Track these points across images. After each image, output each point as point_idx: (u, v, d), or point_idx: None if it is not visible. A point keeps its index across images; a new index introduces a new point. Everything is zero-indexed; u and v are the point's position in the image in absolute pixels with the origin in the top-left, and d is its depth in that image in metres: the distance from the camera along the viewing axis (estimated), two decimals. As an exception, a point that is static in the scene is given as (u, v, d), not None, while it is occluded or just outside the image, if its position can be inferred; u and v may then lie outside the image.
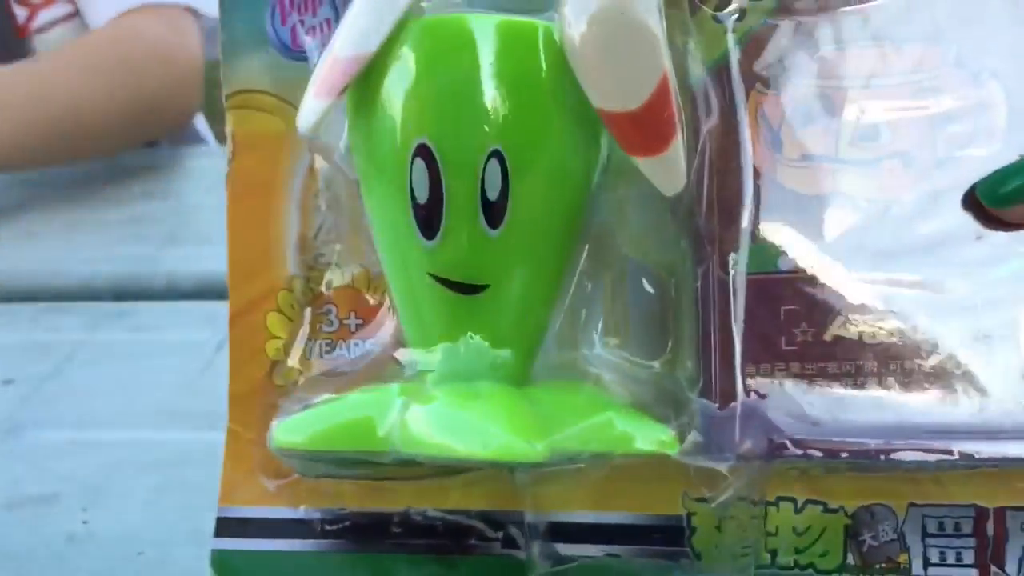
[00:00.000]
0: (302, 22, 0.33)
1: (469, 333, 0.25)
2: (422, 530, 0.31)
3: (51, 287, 0.62)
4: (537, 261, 0.26)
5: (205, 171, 0.84)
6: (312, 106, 0.26)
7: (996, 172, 0.26)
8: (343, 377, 0.31)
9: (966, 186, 0.26)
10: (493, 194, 0.25)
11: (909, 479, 0.27)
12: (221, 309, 0.51)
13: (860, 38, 0.27)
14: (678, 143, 0.24)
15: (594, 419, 0.25)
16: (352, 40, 0.26)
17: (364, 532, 0.31)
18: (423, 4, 0.25)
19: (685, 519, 0.28)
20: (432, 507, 0.31)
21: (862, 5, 0.27)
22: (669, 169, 0.24)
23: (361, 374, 0.31)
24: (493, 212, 0.25)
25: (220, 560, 0.32)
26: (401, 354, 0.27)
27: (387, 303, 0.32)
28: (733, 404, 0.27)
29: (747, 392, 0.27)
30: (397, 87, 0.25)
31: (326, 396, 0.28)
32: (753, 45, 0.27)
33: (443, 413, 0.24)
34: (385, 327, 0.32)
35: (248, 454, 0.33)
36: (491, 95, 0.25)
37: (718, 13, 0.27)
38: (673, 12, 0.27)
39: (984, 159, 0.26)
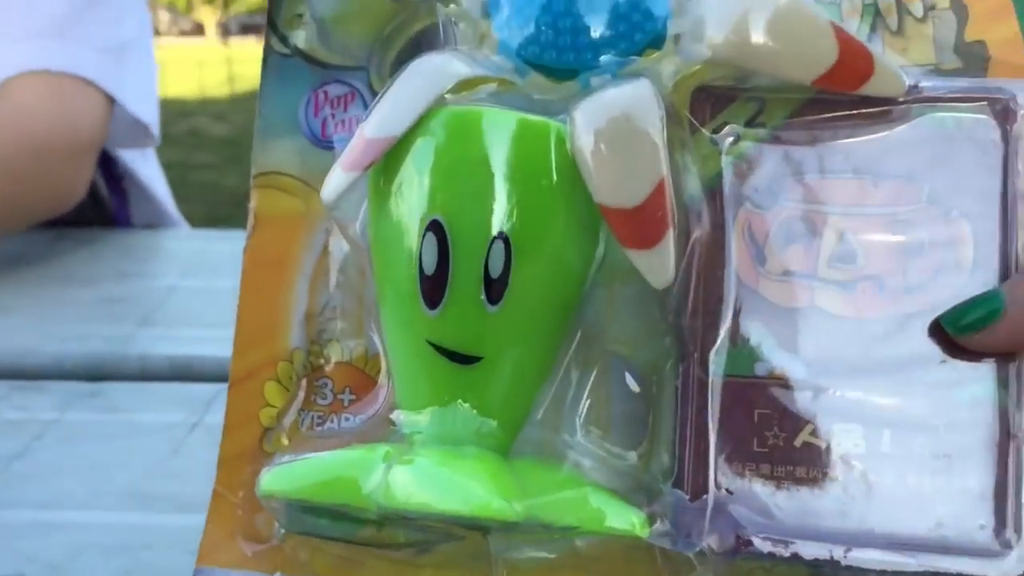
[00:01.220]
0: (333, 115, 0.36)
1: (459, 400, 0.27)
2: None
3: (23, 366, 0.61)
4: (530, 340, 0.28)
5: (180, 253, 0.85)
6: (339, 178, 0.28)
7: (959, 304, 0.28)
8: (333, 438, 0.32)
9: (933, 312, 0.28)
10: (495, 272, 0.27)
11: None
12: (195, 391, 0.53)
13: (843, 170, 0.30)
14: (669, 241, 0.26)
15: (571, 492, 0.26)
16: (381, 123, 0.28)
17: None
18: (446, 96, 0.28)
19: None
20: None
21: (847, 140, 0.30)
22: (659, 263, 0.27)
23: (351, 436, 0.32)
24: (493, 289, 0.27)
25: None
26: (395, 415, 0.29)
27: (380, 381, 0.34)
28: (704, 497, 0.28)
29: (718, 487, 0.28)
30: (418, 168, 0.28)
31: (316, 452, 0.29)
32: (745, 167, 0.30)
33: (427, 470, 0.26)
34: (377, 404, 0.34)
35: (231, 517, 0.34)
36: (502, 183, 0.27)
37: (715, 135, 0.30)
38: (675, 130, 0.30)
39: (951, 289, 0.29)
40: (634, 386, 0.30)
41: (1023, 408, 0.28)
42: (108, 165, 0.96)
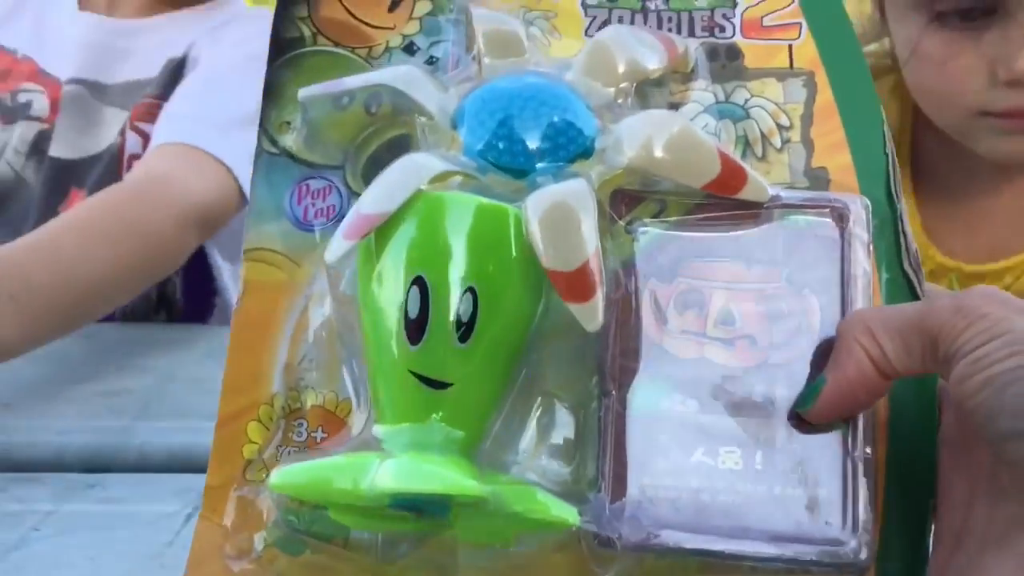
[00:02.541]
0: (313, 204, 0.43)
1: (434, 416, 0.34)
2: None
3: (22, 459, 0.62)
4: (490, 370, 0.35)
5: (179, 345, 0.85)
6: (340, 243, 0.36)
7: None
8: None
9: (793, 363, 0.37)
10: (465, 317, 0.35)
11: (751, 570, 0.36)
12: (192, 481, 0.54)
13: (724, 256, 0.39)
14: (599, 297, 0.35)
15: (521, 488, 0.34)
16: (375, 201, 0.36)
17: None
18: (425, 186, 0.36)
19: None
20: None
21: (727, 233, 0.39)
22: (591, 313, 0.35)
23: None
24: (463, 330, 0.35)
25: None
26: (374, 431, 0.36)
27: (350, 421, 0.40)
28: (621, 501, 0.36)
29: (631, 502, 0.36)
30: (407, 236, 0.35)
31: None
32: (653, 250, 0.39)
33: (409, 464, 0.33)
34: (345, 441, 0.40)
35: (216, 537, 0.40)
36: (471, 250, 0.35)
37: (628, 226, 0.39)
38: (599, 221, 0.39)
39: (804, 346, 0.38)
40: (567, 416, 0.38)
41: (858, 434, 0.37)
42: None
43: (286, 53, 0.45)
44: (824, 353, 0.37)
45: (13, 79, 1.09)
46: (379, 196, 0.36)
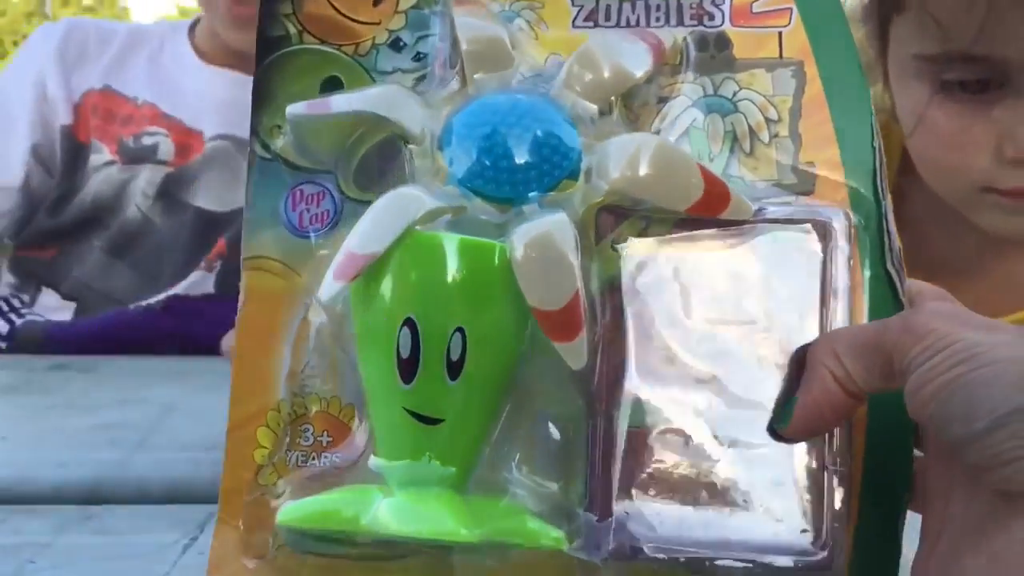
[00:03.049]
0: (307, 211, 0.44)
1: (427, 452, 0.36)
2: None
3: (19, 492, 0.61)
4: (480, 405, 0.37)
5: (178, 377, 0.86)
6: (332, 285, 0.37)
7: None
8: (322, 479, 0.41)
9: (773, 376, 0.39)
10: (455, 356, 0.36)
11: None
12: (190, 513, 0.54)
13: (711, 272, 0.40)
14: (583, 336, 0.36)
15: (512, 520, 0.36)
16: (365, 241, 0.37)
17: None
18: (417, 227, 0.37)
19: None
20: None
21: (710, 250, 0.40)
22: (576, 351, 0.36)
23: (335, 476, 0.41)
24: (453, 368, 0.36)
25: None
26: (372, 463, 0.38)
27: (353, 427, 0.43)
28: (609, 519, 0.38)
29: (618, 513, 0.38)
30: (397, 278, 0.37)
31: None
32: (638, 268, 0.40)
33: (407, 507, 0.35)
34: (350, 445, 0.43)
35: (234, 538, 0.43)
36: (460, 291, 0.36)
37: (615, 244, 0.40)
38: (584, 240, 0.39)
39: (785, 359, 0.39)
40: (556, 435, 0.39)
41: (834, 448, 0.39)
42: None
43: (273, 53, 0.45)
44: (804, 369, 0.38)
45: (136, 124, 1.13)
46: (368, 236, 0.37)
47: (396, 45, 0.45)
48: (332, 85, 0.45)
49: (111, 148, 1.13)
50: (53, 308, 1.11)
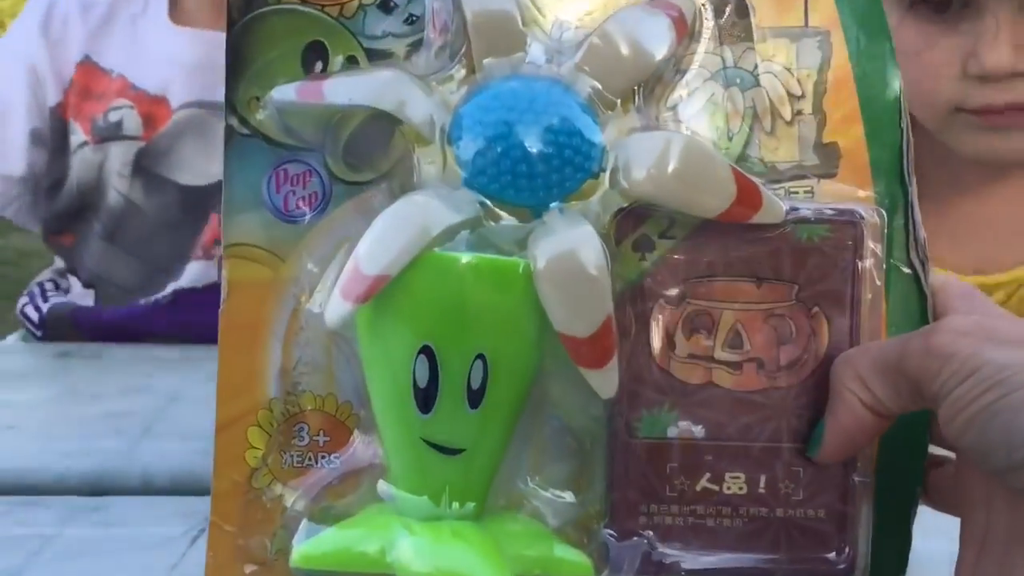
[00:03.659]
0: (293, 192, 0.40)
1: (447, 485, 0.34)
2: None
3: (26, 482, 0.61)
4: (500, 432, 0.35)
5: (182, 366, 0.84)
6: (340, 307, 0.34)
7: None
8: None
9: (799, 385, 0.38)
10: (476, 385, 0.34)
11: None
12: (196, 504, 0.52)
13: (733, 274, 0.38)
14: (614, 363, 0.34)
15: (537, 548, 0.35)
16: (377, 260, 0.34)
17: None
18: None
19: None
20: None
21: (736, 250, 0.37)
22: (607, 380, 0.34)
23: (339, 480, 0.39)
24: (474, 397, 0.34)
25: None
26: (385, 491, 0.36)
27: (350, 425, 0.40)
28: (632, 539, 0.37)
29: (640, 529, 0.37)
30: (411, 302, 0.34)
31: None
32: (662, 270, 0.37)
33: (432, 548, 0.33)
34: (348, 445, 0.40)
35: (228, 544, 0.41)
36: (481, 316, 0.34)
37: (635, 246, 0.37)
38: (607, 243, 0.37)
39: (811, 369, 0.38)
40: (573, 445, 0.38)
41: (857, 461, 0.38)
42: None
43: (246, 14, 0.40)
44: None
45: (106, 99, 1.04)
46: (381, 254, 0.34)
47: (386, 6, 0.40)
48: (315, 51, 0.41)
49: (84, 127, 1.04)
50: (79, 296, 1.07)
